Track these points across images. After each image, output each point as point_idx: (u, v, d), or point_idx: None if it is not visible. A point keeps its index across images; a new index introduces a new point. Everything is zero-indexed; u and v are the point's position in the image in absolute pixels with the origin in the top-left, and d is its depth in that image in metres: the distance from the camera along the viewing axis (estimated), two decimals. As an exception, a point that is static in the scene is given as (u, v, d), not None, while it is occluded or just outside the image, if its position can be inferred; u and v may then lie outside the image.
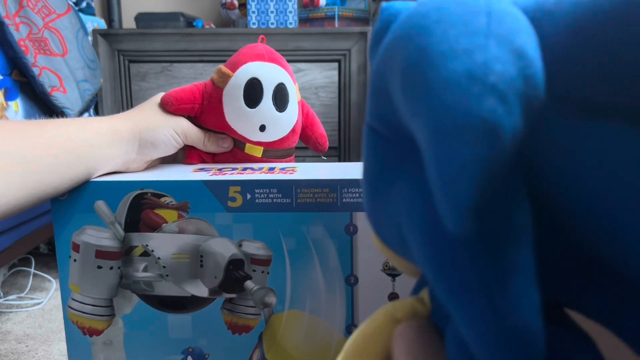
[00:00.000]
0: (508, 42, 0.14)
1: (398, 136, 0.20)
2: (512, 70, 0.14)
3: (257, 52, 0.49)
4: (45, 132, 0.37)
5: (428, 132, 0.14)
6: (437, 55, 0.14)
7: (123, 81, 1.28)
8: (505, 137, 0.13)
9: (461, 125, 0.13)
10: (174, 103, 0.46)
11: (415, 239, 0.18)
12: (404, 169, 0.19)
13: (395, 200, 0.20)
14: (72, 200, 0.40)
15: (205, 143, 0.48)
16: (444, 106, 0.13)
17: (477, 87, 0.13)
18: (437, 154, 0.13)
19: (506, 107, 0.13)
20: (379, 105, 0.20)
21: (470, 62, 0.14)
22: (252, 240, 0.40)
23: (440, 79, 0.14)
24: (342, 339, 0.41)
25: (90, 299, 0.41)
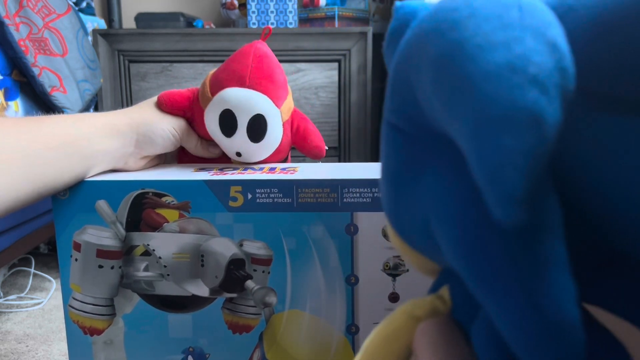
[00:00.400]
0: (541, 35, 0.14)
1: (421, 131, 0.20)
2: (549, 62, 0.14)
3: (241, 72, 0.46)
4: (44, 126, 0.37)
5: (469, 124, 0.14)
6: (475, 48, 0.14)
7: (123, 81, 1.28)
8: (549, 127, 0.13)
9: (506, 115, 0.13)
10: (167, 105, 0.47)
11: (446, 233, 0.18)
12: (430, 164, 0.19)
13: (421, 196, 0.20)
14: (73, 200, 0.40)
15: (196, 146, 0.49)
16: (486, 97, 0.14)
17: (519, 78, 0.13)
18: (482, 145, 0.13)
19: (548, 98, 0.13)
20: (400, 102, 0.20)
21: (509, 53, 0.14)
22: (252, 240, 0.40)
23: (480, 71, 0.14)
24: (343, 339, 0.41)
25: (91, 299, 0.41)
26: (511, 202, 0.13)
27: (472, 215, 0.16)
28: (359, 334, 0.41)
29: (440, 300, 0.21)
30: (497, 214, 0.13)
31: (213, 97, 0.46)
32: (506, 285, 0.15)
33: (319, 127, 0.56)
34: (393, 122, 0.21)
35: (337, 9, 1.39)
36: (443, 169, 0.18)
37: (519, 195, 0.13)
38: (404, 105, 0.20)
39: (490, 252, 0.15)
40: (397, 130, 0.21)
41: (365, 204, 0.39)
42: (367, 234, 0.40)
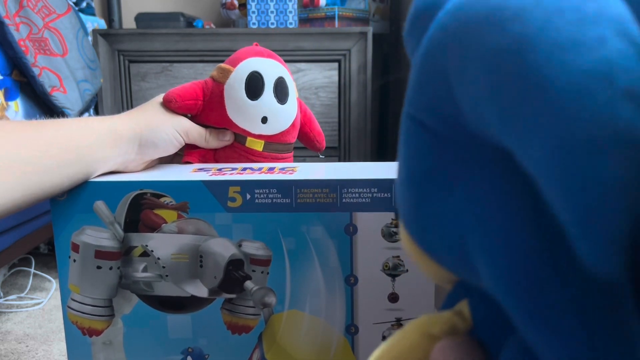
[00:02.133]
0: (625, 33, 0.12)
1: (457, 134, 0.17)
2: (637, 67, 0.11)
3: (255, 50, 0.50)
4: (44, 132, 0.37)
5: (546, 144, 0.12)
6: (550, 47, 0.12)
7: (123, 81, 1.28)
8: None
9: (594, 137, 0.11)
10: (178, 100, 0.47)
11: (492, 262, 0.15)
12: (469, 175, 0.17)
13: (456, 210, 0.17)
14: (71, 201, 0.40)
15: (207, 139, 0.49)
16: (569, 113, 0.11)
17: (608, 90, 0.11)
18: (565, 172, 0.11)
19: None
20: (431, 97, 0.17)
21: (592, 57, 0.11)
22: (251, 241, 0.40)
23: (558, 78, 0.11)
24: (342, 339, 0.41)
25: (89, 299, 0.41)
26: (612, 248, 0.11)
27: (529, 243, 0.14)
28: (358, 334, 0.41)
29: (460, 317, 0.19)
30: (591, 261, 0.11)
31: (236, 67, 0.48)
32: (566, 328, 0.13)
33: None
34: (419, 118, 0.18)
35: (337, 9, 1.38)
36: (491, 185, 0.16)
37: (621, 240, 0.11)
38: (435, 101, 0.17)
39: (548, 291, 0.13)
40: (424, 128, 0.18)
41: (364, 204, 0.39)
42: (367, 234, 0.40)
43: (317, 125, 0.54)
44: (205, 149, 0.50)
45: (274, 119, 0.48)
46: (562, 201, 0.12)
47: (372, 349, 0.42)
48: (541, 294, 0.13)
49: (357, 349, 0.41)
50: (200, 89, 0.49)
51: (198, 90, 0.48)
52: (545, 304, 0.13)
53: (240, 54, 0.50)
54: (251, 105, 0.47)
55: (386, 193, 0.39)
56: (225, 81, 0.48)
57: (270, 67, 0.48)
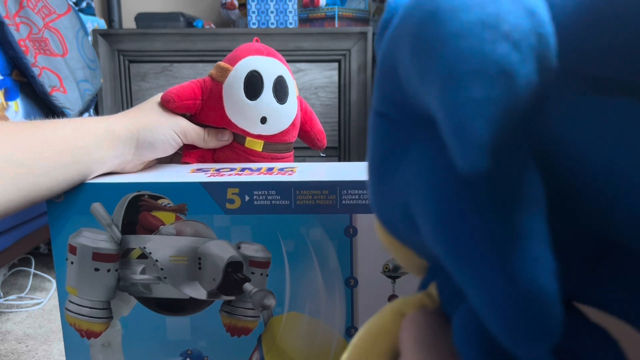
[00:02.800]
0: (519, 1, 0.14)
1: (405, 116, 0.20)
2: (524, 24, 0.14)
3: (255, 47, 0.49)
4: (40, 134, 0.37)
5: (440, 80, 0.14)
6: (449, 11, 0.14)
7: (123, 81, 1.28)
8: (518, 82, 0.13)
9: (475, 69, 0.13)
10: (176, 100, 0.46)
11: (423, 210, 0.17)
12: (411, 147, 0.19)
13: (401, 180, 0.19)
14: (68, 203, 0.40)
15: (205, 139, 0.48)
16: (457, 52, 0.14)
17: (490, 34, 0.13)
18: (449, 100, 0.13)
19: (520, 55, 0.13)
20: (387, 87, 0.20)
21: (483, 12, 0.14)
22: (250, 243, 0.40)
23: (453, 30, 0.14)
24: (342, 341, 0.41)
25: (87, 302, 0.41)
26: (476, 148, 0.13)
27: (448, 187, 0.16)
28: (358, 336, 0.41)
29: (429, 297, 0.21)
30: (461, 162, 0.13)
31: (234, 66, 0.47)
32: (482, 257, 0.14)
33: None
34: (379, 110, 0.21)
35: (337, 9, 1.38)
36: (422, 149, 0.18)
37: (484, 142, 0.13)
38: (390, 90, 0.20)
39: (466, 224, 0.15)
40: (384, 117, 0.21)
41: (364, 206, 0.39)
42: (367, 235, 0.39)
43: (318, 124, 0.54)
44: (204, 149, 0.50)
45: (274, 119, 0.48)
46: (444, 123, 0.14)
47: (372, 351, 0.42)
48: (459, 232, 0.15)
49: (356, 352, 0.41)
50: (199, 88, 0.48)
51: (196, 90, 0.48)
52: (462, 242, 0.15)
53: (240, 52, 0.49)
54: (250, 105, 0.47)
55: (386, 194, 0.39)
56: (224, 80, 0.47)
57: (269, 66, 0.48)
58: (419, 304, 0.21)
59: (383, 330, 0.21)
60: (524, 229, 0.14)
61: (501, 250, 0.14)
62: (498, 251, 0.14)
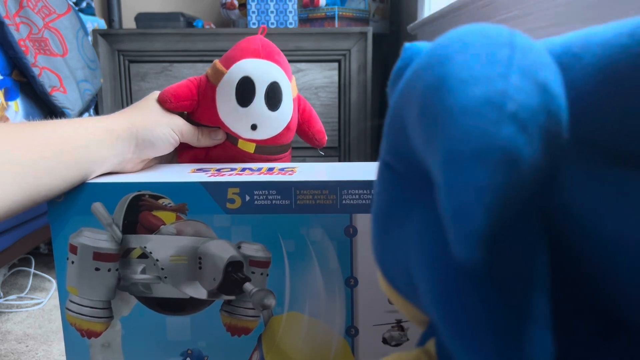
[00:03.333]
0: (531, 75, 0.14)
1: (411, 172, 0.19)
2: (534, 101, 0.13)
3: (253, 47, 0.48)
4: (39, 134, 0.37)
5: (442, 156, 0.14)
6: (457, 82, 0.14)
7: (123, 81, 1.28)
8: (523, 166, 0.13)
9: (477, 150, 0.13)
10: (173, 101, 0.46)
11: (422, 278, 0.17)
12: (415, 206, 0.19)
13: (404, 238, 0.19)
14: (69, 202, 0.40)
15: (199, 138, 0.48)
16: (460, 131, 0.13)
17: (496, 114, 0.13)
18: (450, 178, 0.13)
19: (526, 137, 0.13)
20: (395, 140, 0.20)
21: (490, 89, 0.13)
22: (251, 242, 0.40)
23: (458, 104, 0.14)
24: (342, 341, 0.41)
25: (88, 301, 0.41)
26: (472, 239, 0.12)
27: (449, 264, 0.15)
28: (358, 336, 0.41)
29: (426, 354, 0.21)
30: (456, 251, 0.13)
31: (228, 70, 0.47)
32: (478, 336, 0.14)
33: None
34: (387, 160, 0.21)
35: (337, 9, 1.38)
36: (425, 211, 0.18)
37: (481, 232, 0.12)
38: (397, 143, 0.20)
39: (465, 299, 0.15)
40: (391, 169, 0.21)
41: (364, 206, 0.39)
42: (367, 235, 0.39)
43: (317, 123, 0.53)
44: (197, 147, 0.50)
45: (264, 126, 0.47)
46: (443, 203, 0.13)
47: (372, 350, 0.42)
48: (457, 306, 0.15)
49: (357, 351, 0.41)
50: (196, 87, 0.48)
51: (193, 89, 0.48)
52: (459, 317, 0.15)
53: (237, 51, 0.48)
54: (241, 111, 0.46)
55: (386, 194, 0.39)
56: (218, 83, 0.47)
57: (263, 71, 0.47)
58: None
59: None
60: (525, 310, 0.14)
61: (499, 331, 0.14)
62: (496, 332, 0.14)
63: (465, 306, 0.15)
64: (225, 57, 0.49)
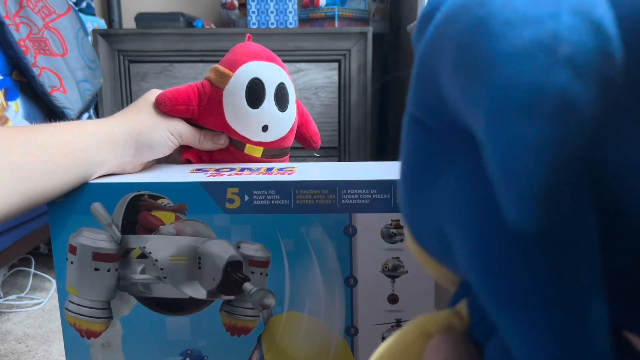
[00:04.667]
0: (583, 13, 0.12)
1: (444, 126, 0.18)
2: (588, 42, 0.12)
3: (253, 51, 0.48)
4: (38, 137, 0.37)
5: (487, 109, 0.12)
6: (500, 24, 0.13)
7: (123, 81, 1.28)
8: (580, 116, 0.11)
9: (528, 101, 0.11)
10: (168, 104, 0.46)
11: (460, 241, 0.16)
12: (450, 163, 0.17)
13: (438, 198, 0.18)
14: (68, 203, 0.40)
15: (201, 141, 0.48)
16: (508, 79, 0.12)
17: (548, 58, 0.11)
18: (499, 134, 0.12)
19: (582, 83, 0.11)
20: (424, 93, 0.18)
21: (540, 30, 0.12)
22: (250, 242, 0.40)
23: (504, 49, 0.12)
24: (342, 340, 0.41)
25: (87, 301, 0.41)
26: (528, 202, 0.11)
27: (492, 221, 0.14)
28: (358, 335, 0.41)
29: (457, 316, 0.20)
30: (510, 215, 0.12)
31: (235, 72, 0.47)
32: (525, 304, 0.13)
33: (319, 127, 0.57)
34: (415, 115, 0.19)
35: (337, 9, 1.38)
36: (462, 168, 0.16)
37: (537, 194, 0.11)
38: (427, 96, 0.18)
39: (510, 265, 0.13)
40: (420, 124, 0.19)
41: (363, 205, 0.39)
42: (366, 235, 0.39)
43: (313, 126, 0.54)
44: (201, 150, 0.50)
45: (275, 127, 0.48)
46: (492, 161, 0.12)
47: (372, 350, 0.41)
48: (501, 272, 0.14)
49: (356, 351, 0.41)
50: (196, 92, 0.47)
51: (192, 94, 0.47)
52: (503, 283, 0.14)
53: (239, 55, 0.48)
54: (252, 113, 0.46)
55: (386, 194, 0.39)
56: (225, 87, 0.47)
57: (271, 73, 0.47)
58: (445, 322, 0.20)
59: (406, 348, 0.20)
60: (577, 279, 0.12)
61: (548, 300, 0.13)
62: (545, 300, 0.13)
63: (512, 274, 0.13)
64: (227, 61, 0.49)
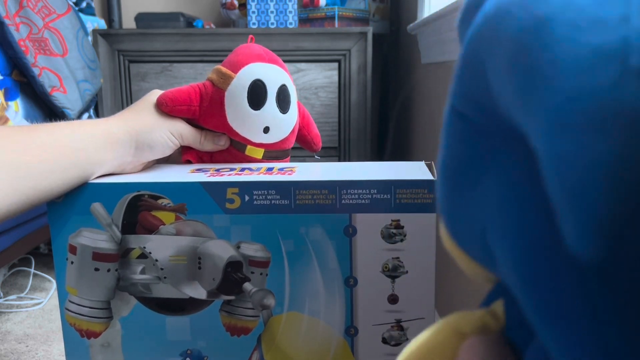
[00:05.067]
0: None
1: (491, 122, 0.17)
2: None
3: (255, 52, 0.48)
4: (37, 137, 0.37)
5: (548, 122, 0.11)
6: (565, 26, 0.12)
7: (123, 81, 1.28)
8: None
9: (596, 114, 0.10)
10: (169, 104, 0.46)
11: (504, 250, 0.15)
12: (496, 164, 0.16)
13: (481, 199, 0.17)
14: (68, 203, 0.40)
15: (201, 142, 0.48)
16: (573, 89, 0.11)
17: (618, 67, 0.11)
18: (561, 150, 0.11)
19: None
20: (470, 86, 0.17)
21: (608, 35, 0.11)
22: (250, 242, 0.40)
23: (569, 56, 0.11)
24: (342, 341, 0.41)
25: (87, 302, 0.41)
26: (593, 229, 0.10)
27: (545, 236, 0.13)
28: (358, 335, 0.41)
29: (492, 316, 0.19)
30: (571, 240, 0.11)
31: (237, 73, 0.47)
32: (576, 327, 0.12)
33: (319, 127, 0.57)
34: (459, 108, 0.18)
35: (337, 9, 1.38)
36: (511, 170, 0.15)
37: (604, 220, 0.10)
38: (473, 89, 0.17)
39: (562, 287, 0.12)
40: (463, 118, 0.18)
41: (363, 205, 0.39)
42: (366, 235, 0.39)
43: (314, 128, 0.54)
44: (202, 151, 0.50)
45: (276, 129, 0.48)
46: (552, 178, 0.11)
47: (372, 350, 0.42)
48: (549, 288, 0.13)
49: (356, 351, 0.41)
50: (197, 93, 0.47)
51: (193, 95, 0.47)
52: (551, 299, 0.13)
53: (241, 56, 0.48)
54: (254, 115, 0.46)
55: (385, 194, 0.39)
56: (226, 88, 0.47)
57: (273, 75, 0.47)
58: (480, 323, 0.19)
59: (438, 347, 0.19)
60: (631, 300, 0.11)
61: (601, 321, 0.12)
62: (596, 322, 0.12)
63: (563, 296, 0.13)
64: (229, 62, 0.48)
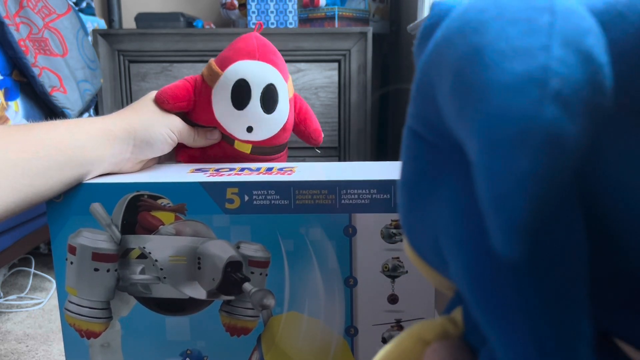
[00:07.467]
0: (574, 44, 0.13)
1: (441, 140, 0.18)
2: (578, 74, 0.12)
3: (249, 48, 0.48)
4: (33, 135, 0.37)
5: (479, 139, 0.13)
6: (494, 54, 0.13)
7: (123, 81, 1.28)
8: (567, 149, 0.12)
9: (518, 133, 0.12)
10: (170, 101, 0.46)
11: (454, 256, 0.16)
12: (445, 177, 0.18)
13: (435, 209, 0.18)
14: (67, 203, 0.40)
15: (195, 139, 0.49)
16: (499, 111, 0.12)
17: (538, 92, 0.12)
18: (489, 164, 0.12)
19: (570, 116, 0.12)
20: (423, 107, 0.19)
21: (531, 63, 0.12)
22: (250, 242, 0.40)
23: (496, 81, 0.13)
24: (341, 341, 0.41)
25: (87, 302, 0.41)
26: (513, 232, 0.12)
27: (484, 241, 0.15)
28: (357, 335, 0.41)
29: (452, 323, 0.20)
30: (497, 244, 0.12)
31: (224, 71, 0.46)
32: (513, 322, 0.13)
33: None
34: (414, 127, 0.20)
35: (337, 9, 1.38)
36: (457, 183, 0.17)
37: (523, 225, 0.11)
38: (425, 110, 0.18)
39: (499, 285, 0.14)
40: (418, 137, 0.20)
41: (363, 205, 0.39)
42: (366, 235, 0.39)
43: (313, 122, 0.53)
44: (193, 147, 0.50)
45: (260, 129, 0.47)
46: (482, 188, 0.12)
47: (372, 350, 0.42)
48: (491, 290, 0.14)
49: (356, 351, 0.41)
50: (192, 86, 0.48)
51: (190, 89, 0.48)
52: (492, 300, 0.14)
53: (232, 53, 0.48)
54: (236, 114, 0.46)
55: (385, 194, 0.39)
56: (214, 85, 0.47)
57: (259, 74, 0.46)
58: (441, 329, 0.20)
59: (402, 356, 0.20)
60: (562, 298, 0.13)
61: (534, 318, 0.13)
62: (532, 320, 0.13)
63: (501, 295, 0.14)
64: (221, 57, 0.49)
